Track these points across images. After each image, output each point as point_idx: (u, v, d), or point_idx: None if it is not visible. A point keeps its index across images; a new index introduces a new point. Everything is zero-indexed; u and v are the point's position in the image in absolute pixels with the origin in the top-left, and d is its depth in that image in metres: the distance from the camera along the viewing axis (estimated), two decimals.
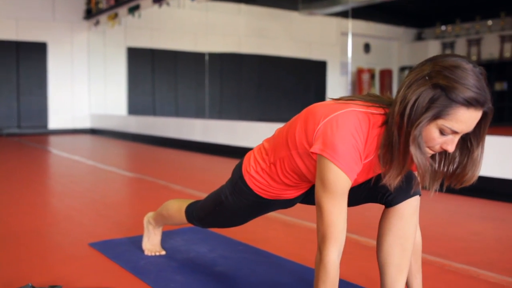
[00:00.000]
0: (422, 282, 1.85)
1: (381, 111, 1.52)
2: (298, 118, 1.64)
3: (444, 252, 2.69)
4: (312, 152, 1.53)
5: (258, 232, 2.92)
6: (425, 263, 2.38)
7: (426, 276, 2.15)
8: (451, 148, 1.43)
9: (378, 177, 1.65)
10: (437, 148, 1.45)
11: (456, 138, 1.43)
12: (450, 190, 1.60)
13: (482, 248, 2.81)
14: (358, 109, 1.51)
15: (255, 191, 1.82)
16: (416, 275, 1.83)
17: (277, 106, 7.22)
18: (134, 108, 11.69)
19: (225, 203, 1.93)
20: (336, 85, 6.31)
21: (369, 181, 1.72)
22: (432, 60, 1.43)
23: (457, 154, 1.53)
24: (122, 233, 3.00)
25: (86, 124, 12.79)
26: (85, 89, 12.67)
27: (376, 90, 6.12)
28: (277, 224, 3.21)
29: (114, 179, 5.47)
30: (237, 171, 1.89)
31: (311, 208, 2.00)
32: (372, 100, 1.55)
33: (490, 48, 15.08)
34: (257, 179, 1.80)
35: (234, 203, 1.91)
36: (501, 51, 14.79)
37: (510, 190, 4.10)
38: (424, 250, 2.52)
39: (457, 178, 1.55)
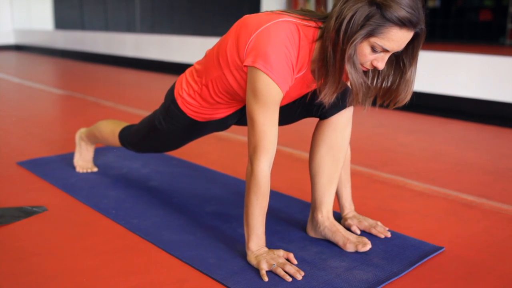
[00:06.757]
0: (351, 191, 1.91)
1: (313, 24, 1.51)
2: (229, 35, 1.60)
3: (373, 163, 2.79)
4: (244, 66, 1.51)
5: (191, 147, 2.91)
6: (355, 174, 2.46)
7: (356, 186, 2.23)
8: (381, 65, 1.46)
9: (313, 94, 1.66)
10: (368, 64, 1.48)
11: (386, 56, 1.46)
12: (380, 105, 1.64)
13: (409, 158, 2.93)
14: (290, 19, 1.49)
15: (188, 114, 1.81)
16: (346, 184, 1.89)
17: (210, 20, 7.04)
18: (61, 22, 11.11)
19: (159, 127, 1.92)
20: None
21: (303, 97, 1.73)
22: None
23: (390, 72, 1.57)
24: (52, 151, 2.92)
25: (10, 40, 12.13)
26: (6, 1, 11.91)
27: (311, 5, 6.01)
28: (210, 139, 3.21)
29: (42, 96, 5.27)
30: (169, 95, 1.87)
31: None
32: (305, 14, 1.54)
33: None
34: (189, 102, 1.78)
35: (168, 128, 1.90)
36: None
37: (437, 104, 4.25)
38: (354, 161, 2.61)
39: (390, 98, 1.59)
